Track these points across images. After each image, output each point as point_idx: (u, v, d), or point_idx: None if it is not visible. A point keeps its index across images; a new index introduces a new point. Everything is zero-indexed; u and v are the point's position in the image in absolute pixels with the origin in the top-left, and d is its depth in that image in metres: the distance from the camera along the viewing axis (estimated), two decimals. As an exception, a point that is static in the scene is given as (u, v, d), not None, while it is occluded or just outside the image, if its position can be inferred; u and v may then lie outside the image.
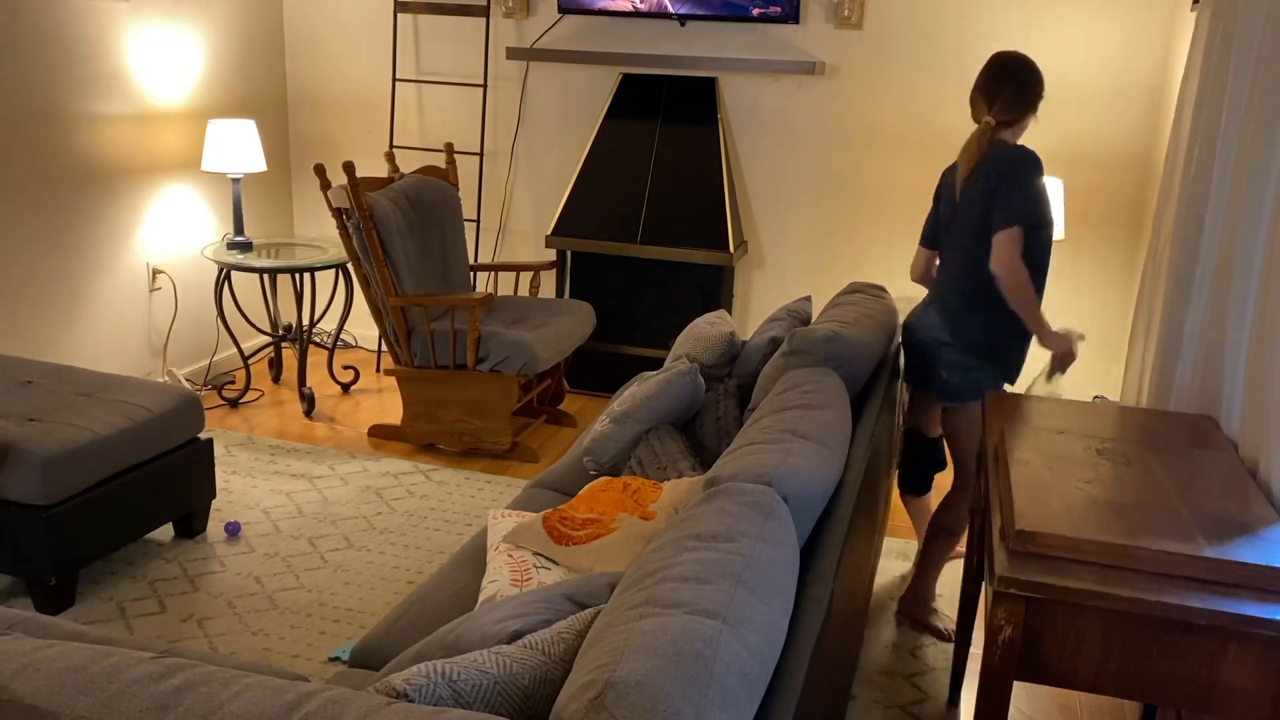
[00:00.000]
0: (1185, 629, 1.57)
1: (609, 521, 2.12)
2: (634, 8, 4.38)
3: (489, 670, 1.25)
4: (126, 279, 4.24)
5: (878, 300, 2.95)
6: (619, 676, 1.10)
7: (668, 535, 1.52)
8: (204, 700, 1.10)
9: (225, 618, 2.86)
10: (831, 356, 2.44)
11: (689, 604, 1.26)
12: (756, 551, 1.43)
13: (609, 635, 1.23)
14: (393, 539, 3.33)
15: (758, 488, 1.64)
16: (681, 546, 1.44)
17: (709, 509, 1.57)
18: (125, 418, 2.94)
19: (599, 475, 2.71)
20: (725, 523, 1.51)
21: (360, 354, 5.23)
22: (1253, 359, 2.15)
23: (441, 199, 4.20)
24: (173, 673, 1.15)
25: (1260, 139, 2.24)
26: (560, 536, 2.10)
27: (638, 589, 1.35)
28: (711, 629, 1.21)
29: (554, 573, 2.04)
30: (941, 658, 2.84)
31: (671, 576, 1.34)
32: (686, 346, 3.01)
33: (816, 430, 1.98)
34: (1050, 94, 4.16)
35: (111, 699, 1.11)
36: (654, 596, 1.30)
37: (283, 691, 1.12)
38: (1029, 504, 1.77)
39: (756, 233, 4.66)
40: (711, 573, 1.35)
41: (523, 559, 2.07)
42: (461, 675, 1.22)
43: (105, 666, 1.16)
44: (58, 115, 3.86)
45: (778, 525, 1.55)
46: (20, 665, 1.17)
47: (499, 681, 1.24)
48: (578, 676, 1.16)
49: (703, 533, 1.48)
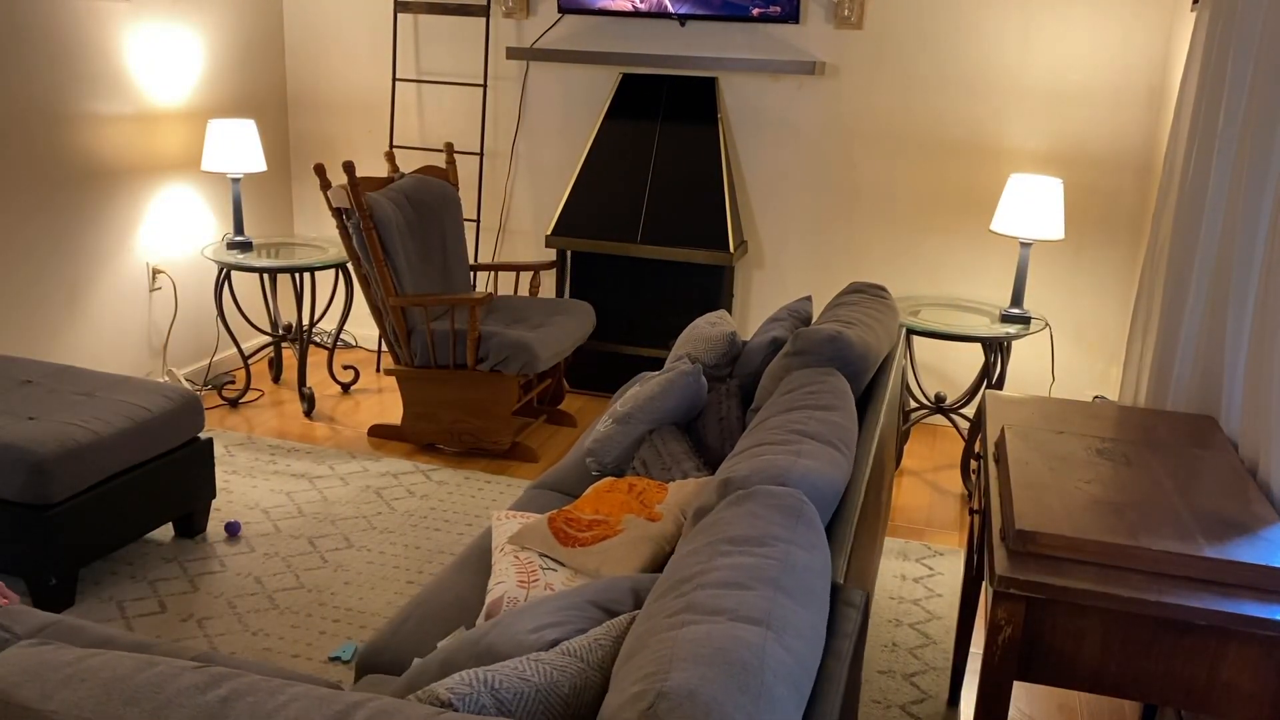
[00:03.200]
0: (1185, 629, 1.57)
1: (615, 523, 2.11)
2: (634, 8, 4.38)
3: (530, 678, 1.25)
4: (126, 279, 4.24)
5: (879, 300, 2.94)
6: (670, 686, 1.09)
7: (699, 539, 1.51)
8: (251, 710, 1.10)
9: (225, 618, 2.86)
10: (835, 357, 2.43)
11: (731, 611, 1.26)
12: (792, 556, 1.43)
13: (652, 643, 1.22)
14: (393, 539, 3.33)
15: (786, 490, 1.63)
16: (715, 551, 1.43)
17: (738, 512, 1.56)
18: (125, 418, 2.94)
19: (601, 476, 2.71)
20: (757, 526, 1.49)
21: (360, 354, 5.23)
22: (1252, 359, 2.15)
23: (441, 199, 4.20)
24: (218, 682, 1.14)
25: (1259, 139, 2.24)
26: (566, 538, 2.10)
27: (675, 595, 1.34)
28: (757, 636, 1.20)
29: (560, 574, 2.03)
30: (941, 658, 2.84)
31: (709, 582, 1.34)
32: (688, 347, 3.01)
33: (825, 431, 1.98)
34: (1050, 94, 4.16)
35: (158, 709, 1.11)
36: (693, 603, 1.29)
37: (330, 701, 1.11)
38: (1029, 504, 1.77)
39: (756, 233, 4.66)
40: (749, 578, 1.34)
41: (529, 560, 2.07)
42: (503, 684, 1.22)
43: (150, 676, 1.15)
44: (58, 115, 3.86)
45: (809, 529, 1.54)
46: (65, 676, 1.16)
47: (540, 689, 1.24)
48: (624, 685, 1.16)
49: (735, 536, 1.47)
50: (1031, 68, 4.16)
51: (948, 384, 4.56)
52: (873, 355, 2.52)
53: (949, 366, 4.54)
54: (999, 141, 4.27)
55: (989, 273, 4.41)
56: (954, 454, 4.26)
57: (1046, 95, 4.17)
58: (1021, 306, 3.96)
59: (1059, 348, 4.38)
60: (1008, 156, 4.28)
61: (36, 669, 1.18)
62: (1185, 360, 2.60)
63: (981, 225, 4.38)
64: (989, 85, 4.23)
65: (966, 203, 4.37)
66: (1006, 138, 4.26)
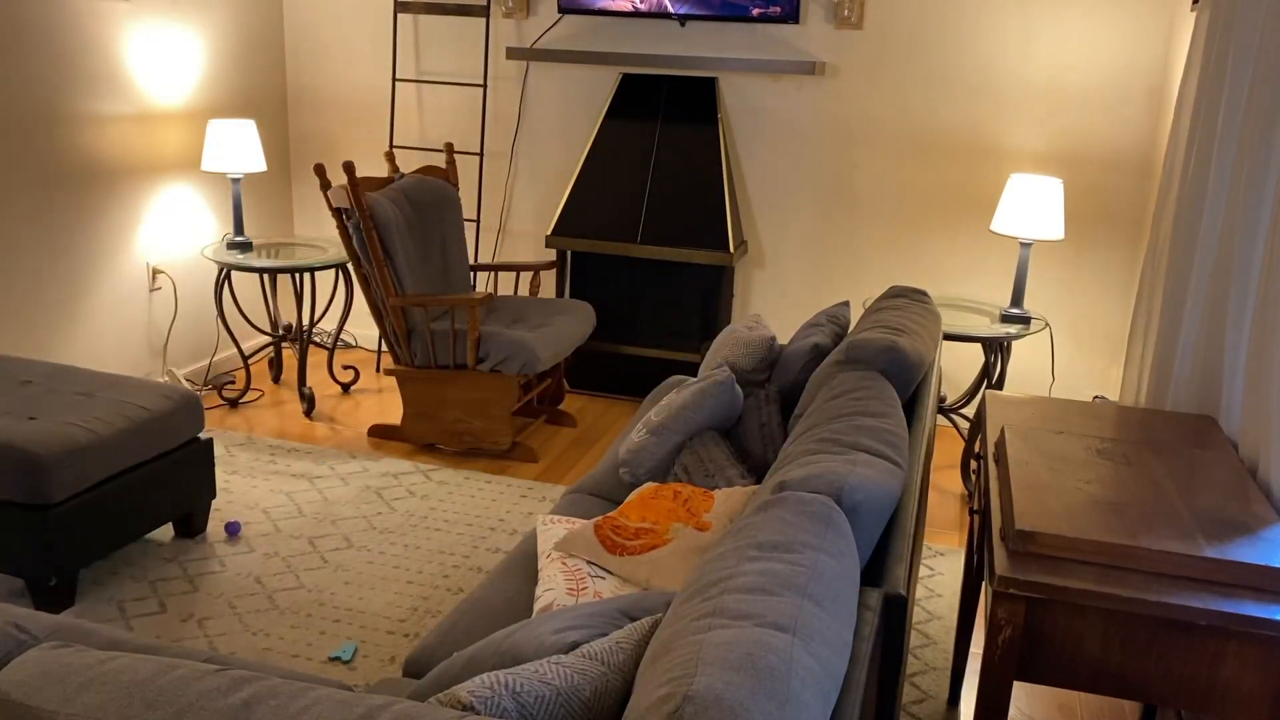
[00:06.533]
0: (1185, 629, 1.57)
1: (663, 532, 2.09)
2: (634, 8, 4.38)
3: (551, 681, 1.24)
4: (126, 279, 4.25)
5: (922, 305, 2.85)
6: (697, 690, 1.08)
7: (727, 544, 1.51)
8: (274, 714, 1.09)
9: (225, 618, 2.86)
10: (889, 368, 2.39)
11: (757, 616, 1.25)
12: (819, 563, 1.42)
13: (677, 646, 1.21)
14: (393, 539, 3.33)
15: (817, 497, 1.61)
16: (743, 556, 1.43)
17: (767, 518, 1.55)
18: (125, 418, 2.94)
19: (635, 485, 2.69)
20: (785, 532, 1.49)
21: (360, 354, 5.23)
22: (1252, 359, 2.15)
23: (441, 199, 4.20)
24: (240, 685, 1.14)
25: (1259, 139, 2.24)
26: (614, 546, 2.07)
27: (701, 599, 1.33)
28: (784, 642, 1.20)
29: (609, 582, 2.01)
30: (941, 658, 2.84)
31: (736, 587, 1.33)
32: (725, 352, 2.95)
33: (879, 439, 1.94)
34: (1050, 94, 4.16)
35: (180, 713, 1.10)
36: (720, 607, 1.28)
37: (352, 705, 1.11)
38: (1029, 504, 1.77)
39: (756, 233, 4.66)
40: (777, 584, 1.33)
41: (577, 567, 2.05)
42: (524, 687, 1.22)
43: (172, 679, 1.15)
44: (58, 115, 3.86)
45: (838, 536, 1.53)
46: (86, 679, 1.16)
47: (561, 693, 1.24)
48: (649, 688, 1.15)
49: (763, 542, 1.46)
50: (1031, 68, 4.16)
51: (948, 384, 4.56)
52: (925, 365, 2.48)
53: (949, 366, 4.54)
54: (999, 141, 4.27)
55: (989, 273, 4.41)
56: (954, 454, 4.26)
57: (1046, 95, 4.17)
58: (1021, 306, 3.96)
59: (1059, 348, 4.38)
60: (1008, 156, 4.28)
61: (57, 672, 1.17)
62: (1185, 360, 2.60)
63: (981, 225, 4.38)
64: (989, 85, 4.23)
65: (966, 203, 4.37)
66: (1006, 138, 4.26)
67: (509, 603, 2.09)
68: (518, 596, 2.12)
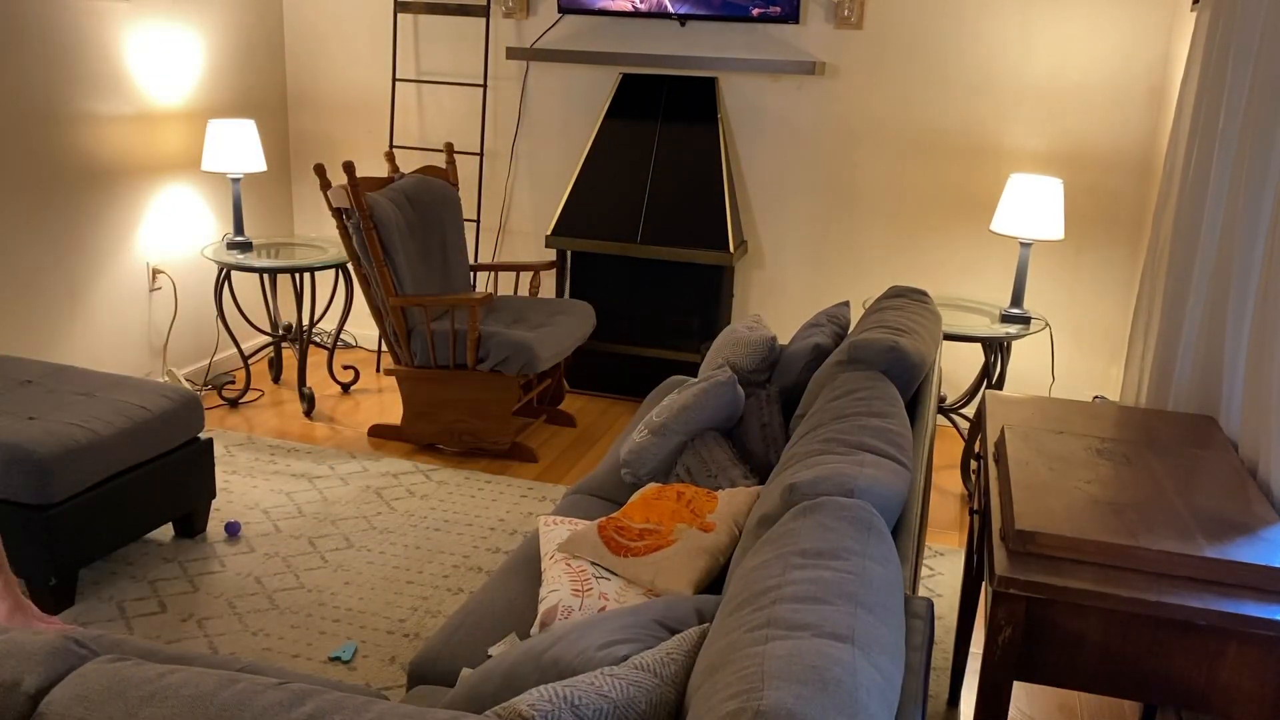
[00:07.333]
0: (1185, 629, 1.57)
1: (667, 532, 2.08)
2: (634, 8, 4.38)
3: (609, 694, 1.24)
4: (126, 279, 4.24)
5: (923, 305, 2.86)
6: (768, 705, 1.07)
7: (768, 550, 1.49)
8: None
9: (225, 618, 2.86)
10: (892, 369, 2.39)
11: (814, 626, 1.23)
12: (868, 570, 1.40)
13: (736, 659, 1.20)
14: (393, 539, 3.33)
15: (855, 503, 1.60)
16: (788, 564, 1.41)
17: (807, 524, 1.53)
18: (125, 418, 2.94)
19: (637, 486, 2.69)
20: (828, 539, 1.47)
21: (360, 354, 5.23)
22: (1252, 359, 2.15)
23: (441, 199, 4.20)
24: (302, 700, 1.13)
25: (1259, 139, 2.24)
26: (618, 547, 2.07)
27: (752, 609, 1.32)
28: (847, 653, 1.18)
29: (614, 583, 2.01)
30: (941, 658, 2.84)
31: (787, 596, 1.32)
32: (726, 352, 2.94)
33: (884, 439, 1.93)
34: (1050, 94, 4.16)
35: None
36: (774, 617, 1.27)
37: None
38: (1029, 504, 1.77)
39: (756, 233, 4.66)
40: (828, 593, 1.32)
41: (581, 568, 2.04)
42: (583, 700, 1.21)
43: (234, 693, 1.14)
44: (58, 115, 3.86)
45: (880, 541, 1.51)
46: (147, 693, 1.15)
47: (619, 705, 1.23)
48: (713, 702, 1.13)
49: (807, 549, 1.45)
50: (1032, 68, 4.16)
51: (948, 384, 4.56)
52: (926, 365, 2.48)
53: (949, 366, 4.54)
54: (999, 141, 4.27)
55: (989, 273, 4.41)
56: (954, 454, 4.26)
57: (1046, 95, 4.17)
58: (1021, 306, 3.96)
59: (1059, 348, 4.38)
60: (1008, 156, 4.28)
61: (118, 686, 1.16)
62: (1185, 360, 2.60)
63: (981, 225, 4.38)
64: (989, 85, 4.23)
65: (966, 203, 4.37)
66: (1006, 138, 4.26)
67: (512, 604, 2.08)
68: (520, 598, 2.11)
